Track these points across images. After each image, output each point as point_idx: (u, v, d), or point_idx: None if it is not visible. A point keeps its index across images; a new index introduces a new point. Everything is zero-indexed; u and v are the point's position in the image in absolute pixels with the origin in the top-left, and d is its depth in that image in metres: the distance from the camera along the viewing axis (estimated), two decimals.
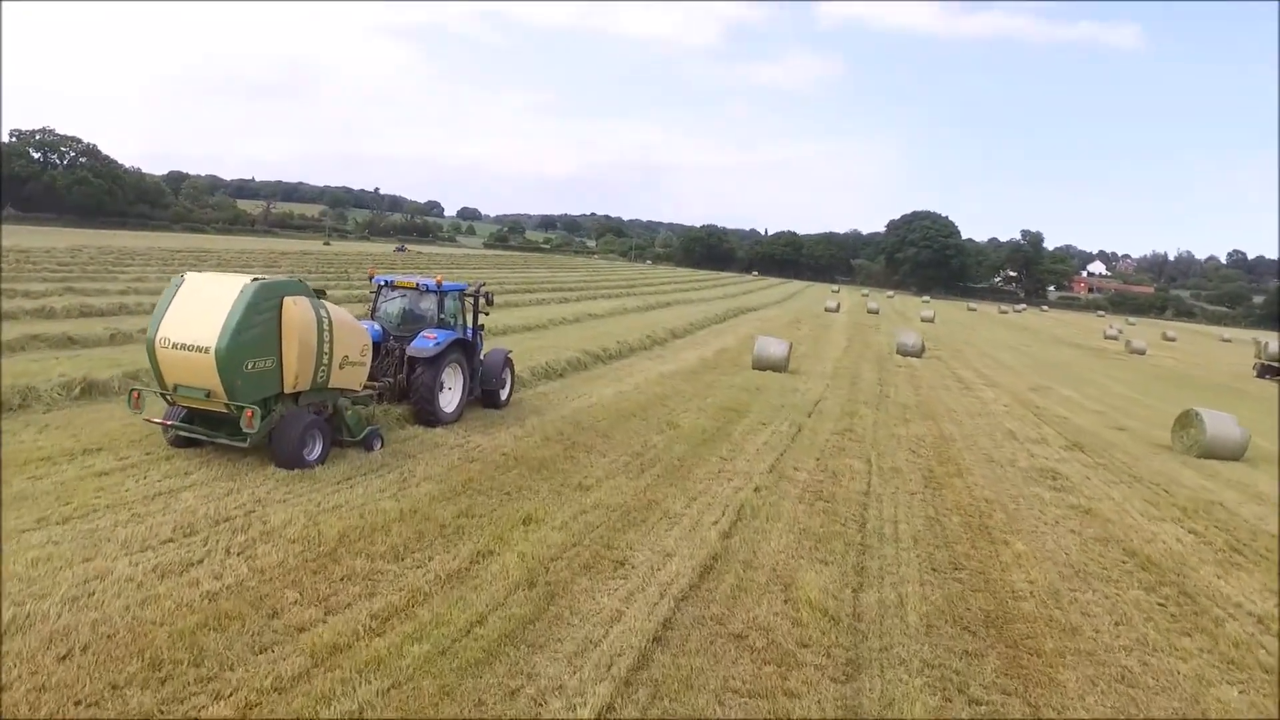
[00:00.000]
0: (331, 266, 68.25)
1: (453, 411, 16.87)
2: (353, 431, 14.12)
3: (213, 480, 12.03)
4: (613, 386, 23.38)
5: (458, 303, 17.90)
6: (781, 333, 47.27)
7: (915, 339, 42.14)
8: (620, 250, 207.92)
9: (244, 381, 12.13)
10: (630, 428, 18.22)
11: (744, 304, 68.75)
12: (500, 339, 30.47)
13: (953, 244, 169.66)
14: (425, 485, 12.64)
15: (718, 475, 14.95)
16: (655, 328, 39.18)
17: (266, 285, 12.33)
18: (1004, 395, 30.28)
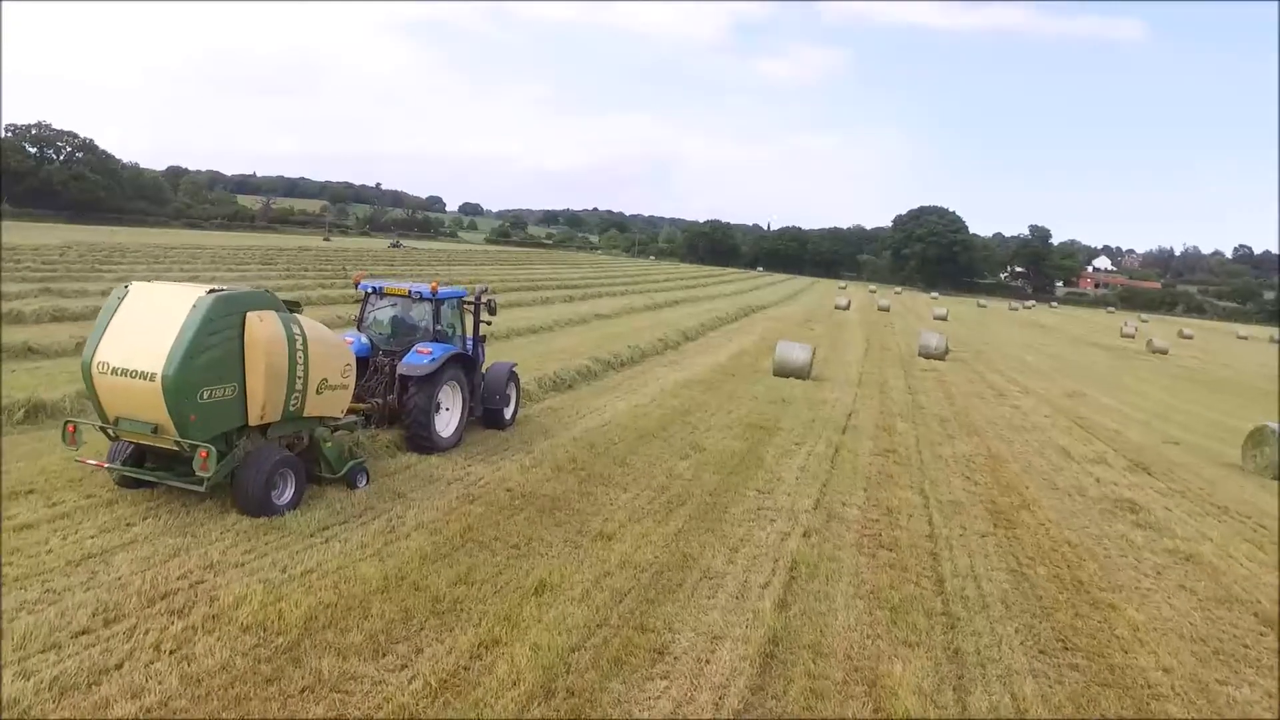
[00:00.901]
0: (330, 263, 66.24)
1: (450, 436, 14.81)
2: (334, 467, 12.06)
3: (159, 534, 9.97)
4: (627, 399, 21.31)
5: (456, 311, 15.82)
6: (795, 333, 45.29)
7: (938, 341, 40.06)
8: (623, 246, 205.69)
9: (199, 414, 10.07)
10: (651, 452, 16.15)
11: (753, 302, 66.62)
12: (504, 343, 28.47)
13: (961, 239, 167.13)
14: (416, 537, 10.57)
15: (757, 514, 12.88)
16: (667, 329, 37.11)
17: (225, 298, 10.25)
18: (1042, 404, 28.18)
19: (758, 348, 36.10)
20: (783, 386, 25.89)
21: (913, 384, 30.02)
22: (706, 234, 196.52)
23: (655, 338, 33.13)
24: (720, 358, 31.59)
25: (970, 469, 17.45)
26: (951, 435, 20.88)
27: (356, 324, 15.48)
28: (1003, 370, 37.78)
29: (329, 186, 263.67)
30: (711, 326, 42.86)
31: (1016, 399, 28.86)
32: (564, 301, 51.16)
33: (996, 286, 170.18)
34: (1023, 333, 69.75)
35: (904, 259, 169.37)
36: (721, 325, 45.04)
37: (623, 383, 23.97)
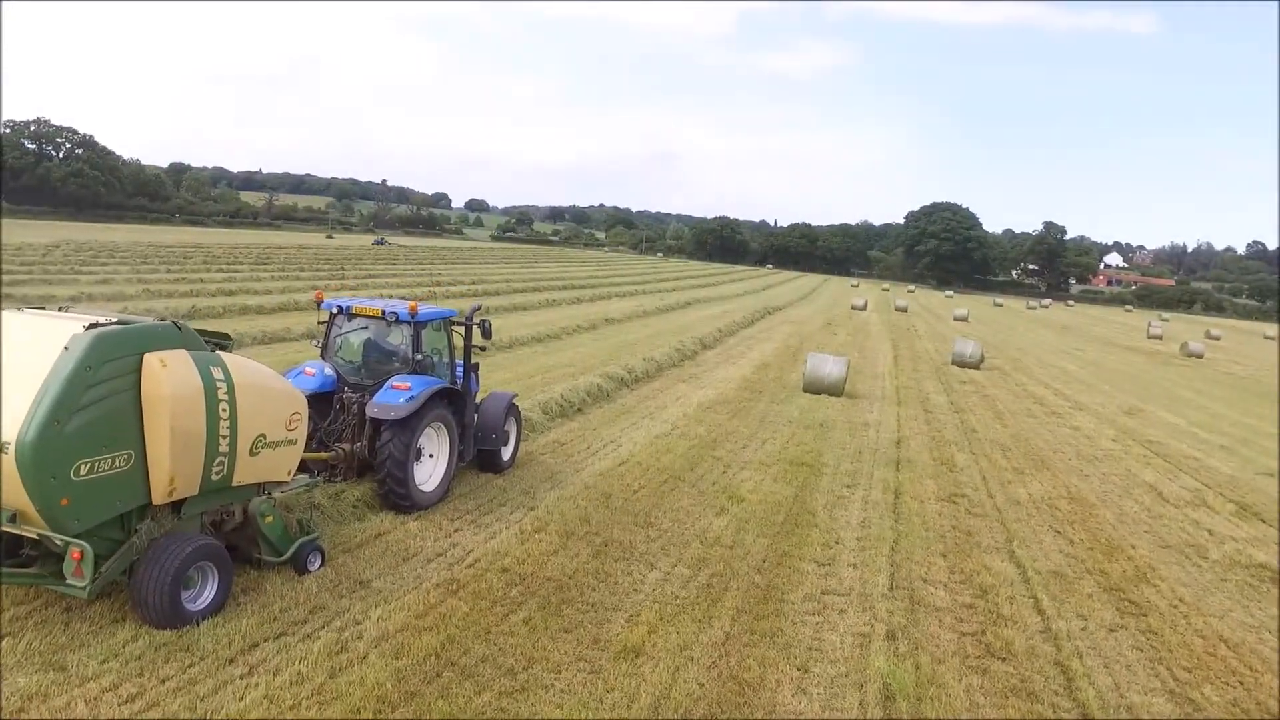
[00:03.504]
0: (329, 262, 63.57)
1: (434, 491, 12.00)
2: (276, 548, 9.25)
3: (11, 668, 7.18)
4: (645, 427, 18.48)
5: (442, 334, 12.99)
6: (816, 338, 42.51)
7: (973, 349, 37.11)
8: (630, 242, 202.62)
9: (73, 497, 7.26)
10: (679, 503, 13.33)
11: (768, 303, 63.69)
12: (506, 355, 25.71)
13: (975, 236, 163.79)
14: (375, 662, 7.75)
15: (822, 603, 10.05)
16: (682, 336, 34.28)
17: (111, 335, 7.43)
18: (1103, 424, 25.26)
19: (781, 357, 33.27)
20: (817, 406, 23.05)
21: (955, 400, 27.14)
22: (715, 230, 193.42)
23: (672, 347, 30.27)
24: (744, 370, 28.73)
25: (1057, 519, 14.60)
26: (1020, 470, 18.01)
27: (320, 350, 12.65)
28: (1045, 381, 34.84)
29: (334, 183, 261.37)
30: (729, 332, 39.97)
31: (1072, 417, 25.96)
32: (571, 303, 48.41)
33: (1009, 284, 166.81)
34: (1049, 335, 66.67)
35: (917, 256, 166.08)
36: (739, 330, 42.16)
37: (638, 404, 21.15)
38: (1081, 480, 17.65)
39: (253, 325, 27.27)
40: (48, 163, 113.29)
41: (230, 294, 36.35)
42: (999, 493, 15.91)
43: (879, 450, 18.50)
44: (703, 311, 50.93)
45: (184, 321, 8.22)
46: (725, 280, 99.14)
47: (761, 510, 13.35)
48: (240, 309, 31.91)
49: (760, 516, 13.03)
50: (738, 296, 70.62)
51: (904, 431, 20.87)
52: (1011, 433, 22.28)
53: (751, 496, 14.03)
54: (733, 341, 37.45)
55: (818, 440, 18.87)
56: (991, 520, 14.10)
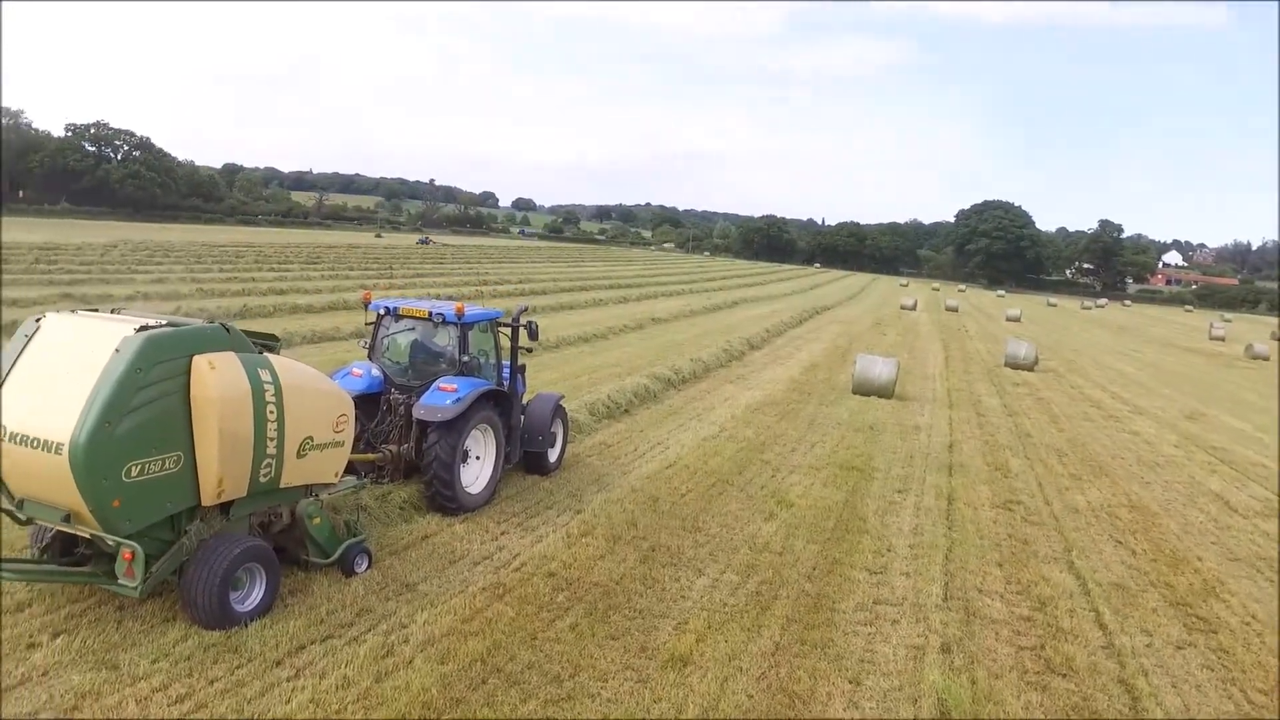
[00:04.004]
0: (377, 262, 64.23)
1: (480, 493, 11.96)
2: (324, 550, 9.25)
3: (65, 665, 7.24)
4: (693, 429, 18.31)
5: (489, 336, 12.94)
6: (865, 338, 41.96)
7: (1027, 350, 36.34)
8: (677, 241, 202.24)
9: (125, 498, 7.30)
10: (727, 508, 13.15)
11: (816, 302, 63.08)
12: (553, 354, 25.68)
13: (1027, 235, 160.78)
14: (420, 667, 7.69)
15: (874, 612, 9.80)
16: (729, 336, 34.02)
17: (161, 338, 7.45)
18: (1164, 429, 24.54)
19: (830, 358, 32.86)
20: (866, 408, 22.69)
21: (1009, 402, 26.55)
22: (762, 229, 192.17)
23: (719, 347, 30.05)
24: (792, 370, 28.41)
25: (1117, 528, 14.16)
26: (1077, 476, 17.52)
27: (368, 351, 12.67)
28: (1102, 384, 33.99)
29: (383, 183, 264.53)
30: (777, 332, 39.60)
31: (1131, 422, 25.26)
32: (618, 303, 48.35)
33: (1063, 284, 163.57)
34: (1105, 336, 65.18)
35: (968, 255, 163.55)
36: (787, 330, 41.76)
37: (685, 405, 20.97)
38: (1143, 488, 17.13)
39: (303, 324, 27.57)
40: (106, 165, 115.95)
41: (281, 293, 36.82)
42: (1056, 500, 15.48)
43: (931, 454, 18.13)
44: (750, 311, 50.60)
45: (232, 323, 8.23)
46: (772, 279, 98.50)
47: (811, 516, 13.11)
48: (291, 308, 32.30)
49: (810, 522, 12.80)
50: (785, 296, 70.09)
51: (956, 435, 20.44)
52: (1068, 437, 21.73)
53: (801, 501, 13.80)
54: (780, 342, 37.11)
55: (868, 444, 18.55)
56: (1049, 529, 13.71)
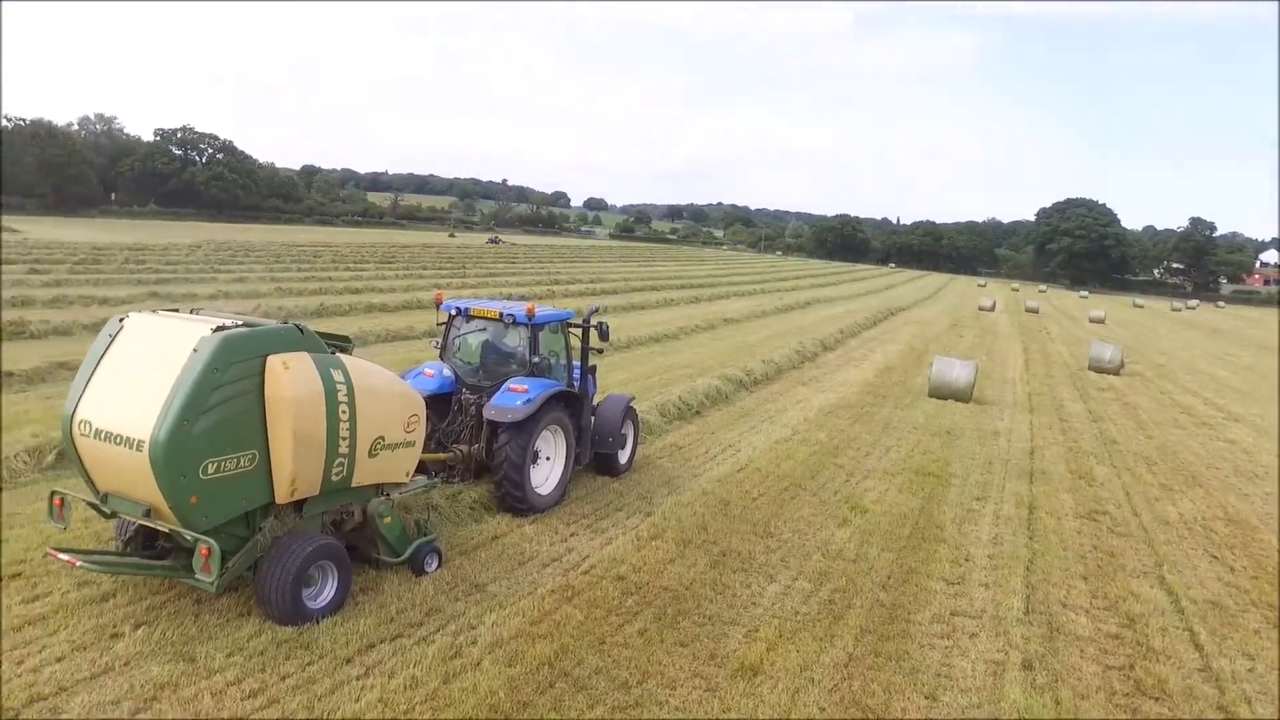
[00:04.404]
0: (450, 261, 65.13)
1: (550, 493, 11.93)
2: (394, 549, 9.31)
3: (146, 656, 7.38)
4: (765, 431, 18.06)
5: (559, 337, 12.91)
6: (942, 340, 41.02)
7: (1112, 352, 35.09)
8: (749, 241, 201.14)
9: (202, 495, 7.42)
10: (799, 512, 12.90)
11: (890, 303, 61.95)
12: (624, 355, 25.66)
13: (1113, 233, 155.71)
14: (488, 669, 7.67)
15: (951, 624, 9.48)
16: (802, 337, 33.56)
17: (236, 338, 7.55)
18: (1262, 438, 23.40)
19: (905, 360, 32.19)
20: (943, 412, 22.12)
21: (1093, 407, 25.64)
22: (835, 228, 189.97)
23: (791, 349, 29.65)
24: (865, 373, 27.89)
25: (1213, 542, 13.51)
26: (1168, 486, 16.80)
27: (439, 351, 12.75)
28: (1194, 389, 32.66)
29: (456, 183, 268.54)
30: (851, 333, 38.97)
31: (1226, 429, 24.17)
32: (689, 303, 48.18)
33: (1151, 284, 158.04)
34: (1197, 338, 62.71)
35: (1049, 254, 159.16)
36: (861, 331, 41.06)
37: (757, 407, 20.72)
38: (1240, 500, 16.33)
39: (377, 323, 28.02)
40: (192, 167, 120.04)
41: (356, 292, 37.52)
42: (1145, 511, 14.85)
43: (1011, 461, 17.58)
44: (823, 312, 49.96)
45: (306, 324, 8.31)
46: (846, 279, 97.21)
47: (886, 522, 12.79)
48: (366, 307, 32.87)
49: (885, 529, 12.48)
50: (859, 296, 69.08)
51: (1037, 441, 19.80)
52: (1157, 445, 20.88)
53: (875, 507, 13.47)
54: (854, 343, 36.50)
55: (945, 448, 18.07)
56: (1137, 541, 13.14)
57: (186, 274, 40.41)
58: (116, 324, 8.05)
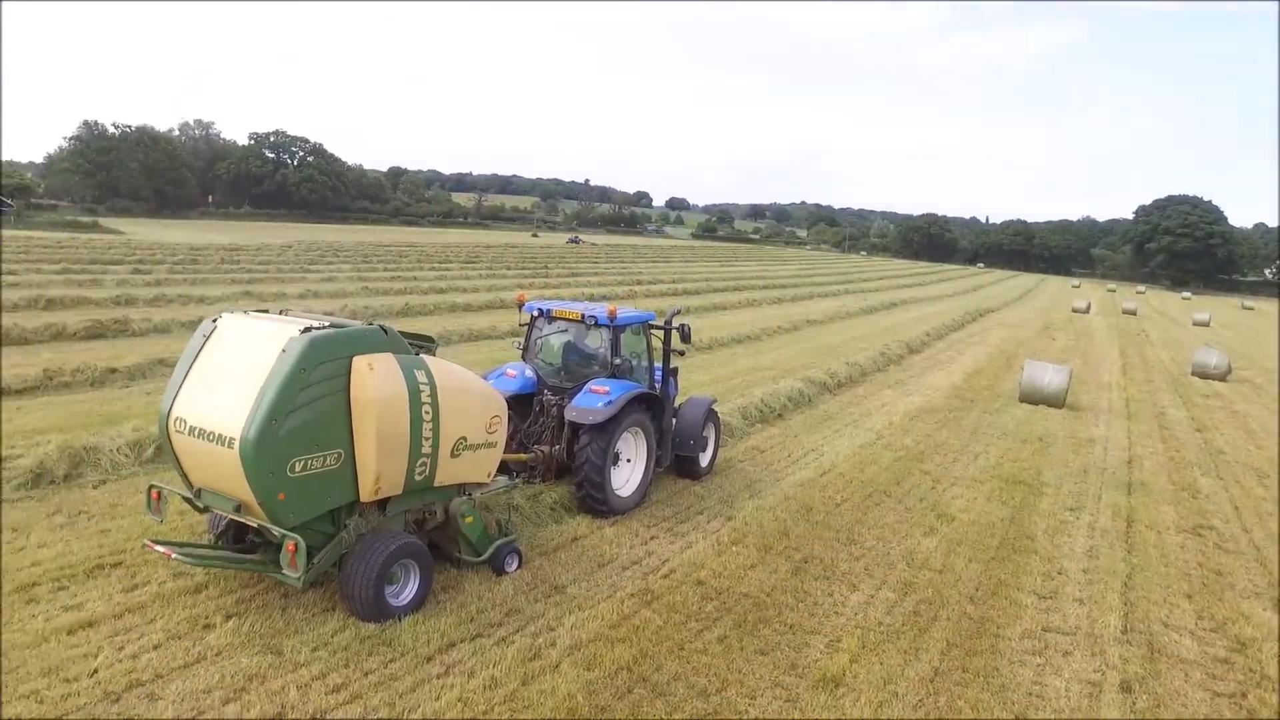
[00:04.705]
0: (533, 261, 65.81)
1: (631, 495, 11.88)
2: (475, 548, 9.37)
3: (236, 648, 7.56)
4: (849, 436, 17.72)
5: (641, 338, 12.85)
6: (1033, 343, 39.79)
7: (1218, 358, 33.54)
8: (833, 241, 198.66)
9: (289, 492, 7.56)
10: (883, 520, 12.60)
11: (979, 304, 60.39)
12: (707, 356, 25.54)
13: (1219, 231, 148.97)
14: (567, 671, 7.64)
15: (1044, 645, 9.09)
16: (887, 339, 32.94)
17: (323, 340, 7.67)
18: None
19: (994, 363, 31.30)
20: (1035, 418, 21.42)
21: (1197, 415, 24.52)
22: (922, 228, 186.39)
23: (876, 351, 29.11)
24: (953, 377, 27.19)
25: None
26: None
27: (521, 352, 12.82)
28: None
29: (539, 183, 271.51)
30: (937, 335, 38.08)
31: None
32: (771, 303, 47.77)
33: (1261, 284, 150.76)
34: None
35: (1148, 254, 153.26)
36: (948, 334, 40.10)
37: (841, 410, 20.36)
38: None
39: (460, 322, 28.42)
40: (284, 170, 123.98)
41: (441, 291, 38.14)
42: (1256, 527, 14.09)
43: (1107, 470, 16.90)
44: (909, 313, 48.99)
45: (390, 325, 8.41)
46: (933, 280, 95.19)
47: (974, 532, 12.40)
48: (450, 306, 33.39)
49: (973, 539, 12.10)
50: (946, 297, 67.55)
51: (1136, 450, 19.00)
52: (1268, 456, 19.83)
53: (963, 516, 13.08)
54: (941, 346, 35.66)
55: (1036, 456, 17.47)
56: (1248, 559, 12.47)
57: (278, 274, 41.66)
58: (210, 324, 8.27)
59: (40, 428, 13.42)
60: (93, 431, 12.75)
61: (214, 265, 43.12)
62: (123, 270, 37.86)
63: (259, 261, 46.81)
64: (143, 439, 12.45)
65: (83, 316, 23.60)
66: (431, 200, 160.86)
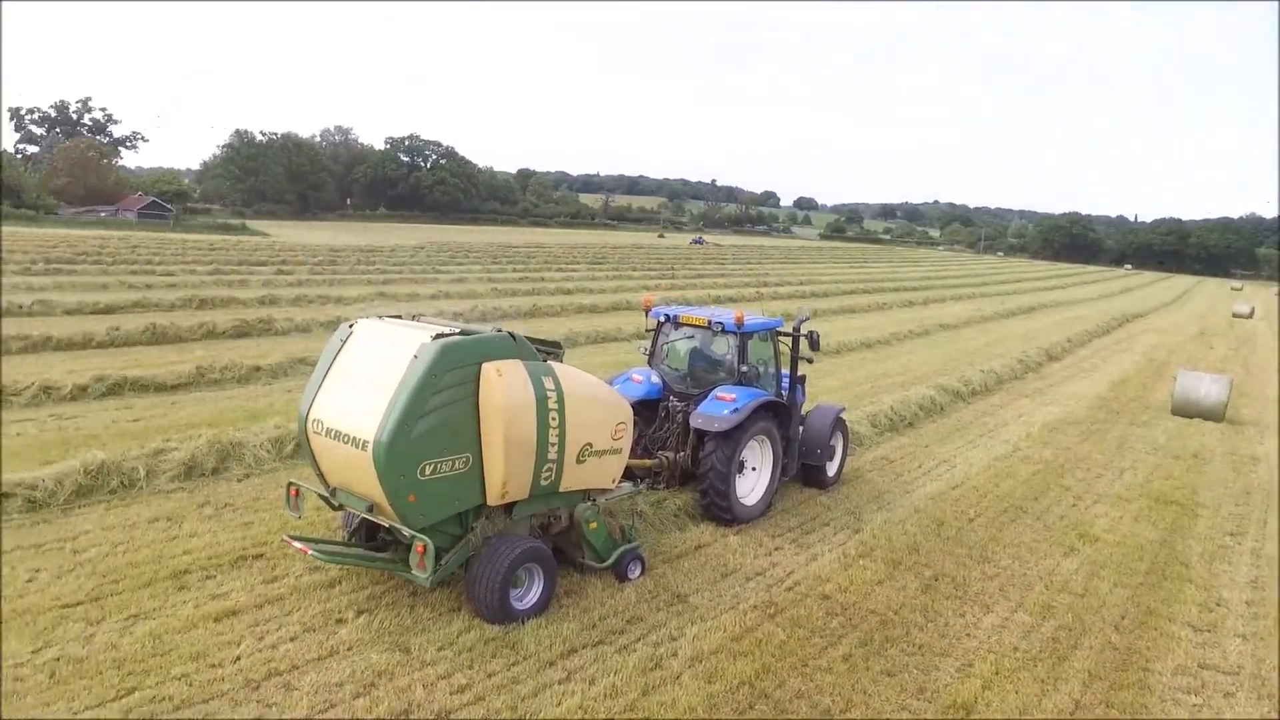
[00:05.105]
0: (659, 262, 66.12)
1: (756, 505, 11.70)
2: (599, 554, 9.39)
3: (367, 643, 7.78)
4: (983, 447, 17.03)
5: (769, 345, 12.64)
6: (1187, 350, 37.48)
7: None
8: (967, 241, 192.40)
9: (419, 494, 7.74)
10: (1020, 537, 12.03)
11: (1126, 308, 57.28)
12: (834, 360, 25.06)
13: None
14: (687, 683, 7.55)
15: (1200, 683, 8.44)
16: (1025, 345, 31.59)
17: (454, 346, 7.80)
18: None
19: (1143, 372, 29.58)
20: (1189, 433, 20.10)
21: None
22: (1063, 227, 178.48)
23: (1013, 357, 27.93)
24: (1097, 386, 25.82)
25: None
26: None
27: (647, 358, 12.80)
28: None
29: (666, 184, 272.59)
30: (1080, 342, 36.27)
31: None
32: (902, 306, 46.56)
33: None
34: None
35: None
36: (1091, 340, 38.15)
37: (975, 420, 19.60)
38: None
39: (587, 324, 28.73)
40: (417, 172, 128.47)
41: (568, 293, 38.69)
42: None
43: (1274, 492, 15.70)
44: (1048, 318, 46.89)
45: (519, 332, 8.51)
46: (1075, 283, 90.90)
47: (1119, 554, 11.69)
48: (576, 308, 33.81)
49: (1118, 562, 11.40)
50: (1090, 301, 64.39)
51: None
52: None
53: (1107, 536, 12.35)
54: (1084, 353, 33.95)
55: (1190, 474, 16.37)
56: None
57: (411, 274, 43.12)
58: (346, 329, 8.55)
59: (193, 422, 14.24)
60: (238, 427, 13.44)
61: (351, 266, 44.98)
62: (267, 271, 39.94)
63: (393, 263, 48.55)
64: (283, 435, 13.02)
65: (231, 316, 24.99)
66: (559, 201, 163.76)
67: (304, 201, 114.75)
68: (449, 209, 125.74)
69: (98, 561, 9.11)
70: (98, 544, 9.53)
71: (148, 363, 18.68)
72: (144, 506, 10.71)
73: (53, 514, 10.29)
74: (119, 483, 11.08)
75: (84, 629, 7.73)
